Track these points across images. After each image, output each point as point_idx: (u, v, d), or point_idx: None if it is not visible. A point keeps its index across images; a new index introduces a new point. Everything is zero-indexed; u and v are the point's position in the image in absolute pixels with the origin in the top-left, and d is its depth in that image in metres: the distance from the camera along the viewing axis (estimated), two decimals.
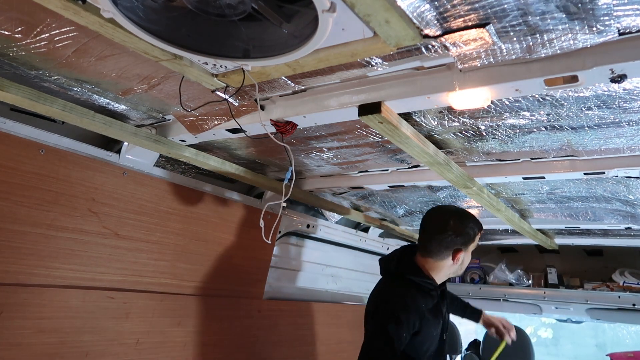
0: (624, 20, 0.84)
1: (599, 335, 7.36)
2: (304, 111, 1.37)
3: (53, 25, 1.05)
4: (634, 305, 3.07)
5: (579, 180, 1.93)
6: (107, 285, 1.77)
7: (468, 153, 1.77)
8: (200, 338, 2.12)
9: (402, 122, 1.33)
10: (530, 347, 3.23)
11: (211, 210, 2.20)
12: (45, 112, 1.37)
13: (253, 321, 2.41)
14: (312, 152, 1.91)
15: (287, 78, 1.20)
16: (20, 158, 1.53)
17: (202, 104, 1.40)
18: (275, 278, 2.65)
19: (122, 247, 1.82)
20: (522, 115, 1.37)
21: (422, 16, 0.85)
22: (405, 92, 1.20)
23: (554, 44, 0.94)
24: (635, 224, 2.52)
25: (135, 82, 1.34)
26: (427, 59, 1.07)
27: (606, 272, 3.54)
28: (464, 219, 1.81)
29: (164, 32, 0.94)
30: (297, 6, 0.86)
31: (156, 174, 1.96)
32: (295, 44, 0.94)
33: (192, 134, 1.64)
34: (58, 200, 1.63)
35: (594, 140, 1.51)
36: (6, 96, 1.26)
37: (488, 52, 0.99)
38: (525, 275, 3.65)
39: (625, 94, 1.17)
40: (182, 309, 2.05)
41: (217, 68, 1.10)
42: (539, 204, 2.44)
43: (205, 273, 2.18)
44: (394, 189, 2.29)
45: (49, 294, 1.59)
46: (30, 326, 1.53)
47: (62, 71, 1.29)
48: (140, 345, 1.86)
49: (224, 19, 0.89)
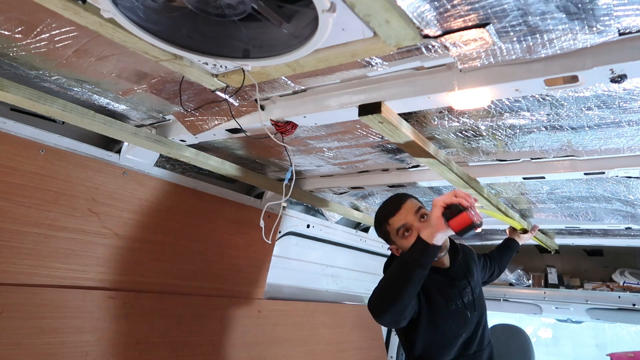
0: (624, 20, 0.84)
1: (599, 335, 7.36)
2: (304, 111, 1.37)
3: (53, 25, 1.05)
4: (634, 305, 3.07)
5: (579, 180, 1.93)
6: (107, 285, 1.77)
7: (468, 153, 1.77)
8: (200, 338, 2.12)
9: (402, 122, 1.33)
10: (530, 347, 3.23)
11: (211, 210, 2.20)
12: (45, 112, 1.36)
13: (253, 321, 2.41)
14: (312, 152, 1.91)
15: (287, 78, 1.20)
16: (20, 158, 1.53)
17: (202, 104, 1.40)
18: (275, 278, 2.65)
19: (122, 247, 1.82)
20: (522, 115, 1.37)
21: (422, 16, 0.85)
22: (405, 92, 1.20)
23: (554, 44, 0.94)
24: (635, 224, 2.52)
25: (135, 82, 1.34)
26: (427, 59, 1.07)
27: (606, 272, 3.54)
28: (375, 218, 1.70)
29: (164, 32, 0.94)
30: (297, 6, 0.86)
31: (156, 174, 1.96)
32: (295, 44, 0.94)
33: (192, 134, 1.64)
34: (58, 200, 1.63)
35: (594, 140, 1.51)
36: (6, 96, 1.26)
37: (488, 52, 0.99)
38: (525, 275, 3.65)
39: (625, 94, 1.17)
40: (182, 309, 2.05)
41: (217, 68, 1.10)
42: (539, 204, 2.45)
43: (205, 273, 2.18)
44: (394, 188, 2.28)
45: (49, 294, 1.59)
46: (30, 326, 1.53)
47: (62, 71, 1.29)
48: (140, 345, 1.86)
49: (224, 19, 0.89)
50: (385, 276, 1.39)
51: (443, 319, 1.60)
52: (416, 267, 1.27)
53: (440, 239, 1.27)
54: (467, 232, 1.20)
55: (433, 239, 1.26)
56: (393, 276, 1.34)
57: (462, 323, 1.65)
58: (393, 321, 1.40)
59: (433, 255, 1.29)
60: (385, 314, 1.34)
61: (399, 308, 1.33)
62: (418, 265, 1.28)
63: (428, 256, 1.28)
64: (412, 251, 1.30)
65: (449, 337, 1.63)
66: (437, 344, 1.62)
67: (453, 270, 1.71)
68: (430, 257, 1.28)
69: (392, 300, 1.31)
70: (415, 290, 1.33)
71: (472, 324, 1.68)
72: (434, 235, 1.25)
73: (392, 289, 1.32)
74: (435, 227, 1.25)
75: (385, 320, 1.38)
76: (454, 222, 1.21)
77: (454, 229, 1.22)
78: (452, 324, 1.63)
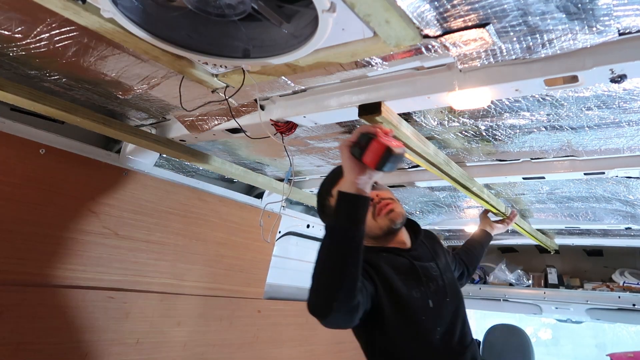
0: (624, 20, 0.84)
1: (599, 335, 7.36)
2: (304, 111, 1.37)
3: (53, 25, 1.05)
4: (634, 305, 3.07)
5: (579, 180, 1.93)
6: (107, 285, 1.77)
7: (468, 153, 1.77)
8: (200, 338, 2.12)
9: (402, 122, 1.33)
10: (530, 347, 3.23)
11: (211, 210, 2.20)
12: (45, 112, 1.36)
13: (253, 321, 2.41)
14: (312, 152, 1.91)
15: (287, 78, 1.20)
16: (20, 158, 1.53)
17: (202, 104, 1.40)
18: (275, 278, 2.65)
19: (122, 247, 1.82)
20: (522, 116, 1.37)
21: (422, 16, 0.85)
22: (405, 92, 1.20)
23: (554, 44, 0.94)
24: (635, 224, 2.52)
25: (135, 82, 1.34)
26: (427, 59, 1.07)
27: (606, 272, 3.55)
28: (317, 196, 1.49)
29: (164, 32, 0.94)
30: (297, 6, 0.86)
31: (156, 174, 1.96)
32: (295, 44, 0.94)
33: (192, 134, 1.64)
34: (58, 200, 1.63)
35: (594, 140, 1.51)
36: (6, 96, 1.26)
37: (488, 52, 0.99)
38: (525, 275, 3.65)
39: (625, 94, 1.17)
40: (182, 309, 2.05)
41: (217, 68, 1.10)
42: (539, 204, 2.45)
43: (205, 273, 2.18)
44: (394, 189, 2.28)
45: (49, 294, 1.59)
46: (30, 326, 1.53)
47: (62, 71, 1.29)
48: (140, 345, 1.86)
49: (224, 19, 0.89)
50: (315, 264, 1.08)
51: (409, 309, 1.30)
52: (347, 229, 1.02)
53: (364, 183, 1.03)
54: (388, 160, 0.98)
55: (354, 186, 1.03)
56: (324, 255, 1.06)
57: (433, 313, 1.33)
58: (346, 311, 1.09)
59: (362, 208, 1.04)
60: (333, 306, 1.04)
61: (346, 291, 1.04)
62: (349, 222, 1.03)
63: (356, 210, 1.03)
64: (337, 212, 1.05)
65: (420, 331, 1.31)
66: (406, 341, 1.31)
67: (416, 251, 1.44)
68: (360, 210, 1.04)
69: (334, 284, 1.03)
70: (357, 262, 1.05)
71: (446, 316, 1.36)
72: (352, 182, 1.03)
73: (329, 271, 1.04)
74: (349, 170, 1.03)
75: (335, 315, 1.06)
76: (367, 155, 1.00)
77: (371, 164, 1.00)
78: (421, 315, 1.31)
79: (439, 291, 1.38)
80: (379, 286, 1.28)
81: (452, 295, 1.41)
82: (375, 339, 1.32)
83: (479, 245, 2.05)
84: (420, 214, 2.89)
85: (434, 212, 2.82)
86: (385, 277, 1.30)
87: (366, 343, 1.36)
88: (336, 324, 1.18)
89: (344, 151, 1.02)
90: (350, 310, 1.10)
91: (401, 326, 1.29)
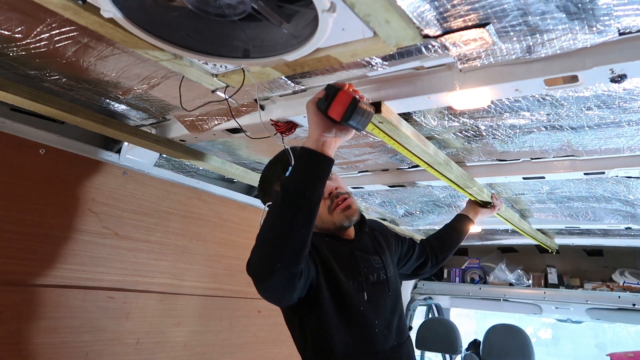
0: (624, 20, 0.84)
1: (599, 335, 7.37)
2: (304, 111, 1.36)
3: (53, 25, 1.05)
4: (634, 305, 3.07)
5: (579, 180, 1.93)
6: (107, 285, 1.77)
7: (468, 153, 1.77)
8: (200, 338, 2.12)
9: (402, 122, 1.33)
10: (530, 347, 3.23)
11: (211, 210, 2.20)
12: (45, 112, 1.36)
13: (253, 321, 2.42)
14: None
15: (287, 78, 1.20)
16: (20, 158, 1.53)
17: (202, 104, 1.40)
18: None
19: (122, 247, 1.82)
20: (522, 115, 1.37)
21: (422, 16, 0.85)
22: (405, 92, 1.20)
23: (554, 44, 0.94)
24: (635, 224, 2.52)
25: (135, 82, 1.34)
26: (427, 59, 1.07)
27: (606, 272, 3.55)
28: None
29: (164, 32, 0.94)
30: (297, 6, 0.86)
31: (156, 174, 1.96)
32: (295, 44, 0.94)
33: (192, 134, 1.64)
34: (58, 200, 1.63)
35: (594, 140, 1.51)
36: (6, 96, 1.26)
37: (488, 52, 0.99)
38: (525, 275, 3.65)
39: (625, 94, 1.17)
40: (182, 309, 2.06)
41: (217, 68, 1.10)
42: (539, 204, 2.45)
43: (205, 273, 2.18)
44: (394, 188, 2.29)
45: (49, 294, 1.59)
46: (30, 326, 1.53)
47: (62, 71, 1.29)
48: (140, 345, 1.86)
49: (224, 19, 0.89)
50: (263, 223, 0.99)
51: (346, 297, 1.24)
52: (304, 189, 0.93)
53: (329, 142, 0.96)
54: (354, 111, 0.93)
55: (318, 144, 0.95)
56: (273, 214, 0.97)
57: (370, 306, 1.28)
58: (288, 277, 0.99)
59: (323, 169, 0.97)
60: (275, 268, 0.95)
61: (293, 254, 0.95)
62: (306, 182, 0.94)
63: (316, 170, 0.95)
64: (295, 170, 0.96)
65: (357, 322, 1.26)
66: (341, 331, 1.24)
67: (359, 242, 1.40)
68: (320, 170, 0.96)
69: (281, 244, 0.94)
70: (309, 225, 0.96)
71: (384, 310, 1.33)
72: (316, 139, 0.95)
73: (278, 230, 0.95)
74: (314, 126, 0.95)
75: (276, 280, 0.97)
76: (333, 107, 0.94)
77: (337, 116, 0.94)
78: (358, 306, 1.26)
79: (379, 284, 1.34)
80: (320, 268, 1.22)
81: (394, 291, 1.39)
82: (310, 324, 1.24)
83: (454, 231, 1.94)
84: (420, 214, 2.89)
85: (434, 212, 2.82)
86: (326, 260, 1.25)
87: (300, 329, 1.29)
88: (274, 291, 1.07)
89: (310, 107, 0.98)
90: (292, 277, 1.00)
91: (337, 314, 1.23)
